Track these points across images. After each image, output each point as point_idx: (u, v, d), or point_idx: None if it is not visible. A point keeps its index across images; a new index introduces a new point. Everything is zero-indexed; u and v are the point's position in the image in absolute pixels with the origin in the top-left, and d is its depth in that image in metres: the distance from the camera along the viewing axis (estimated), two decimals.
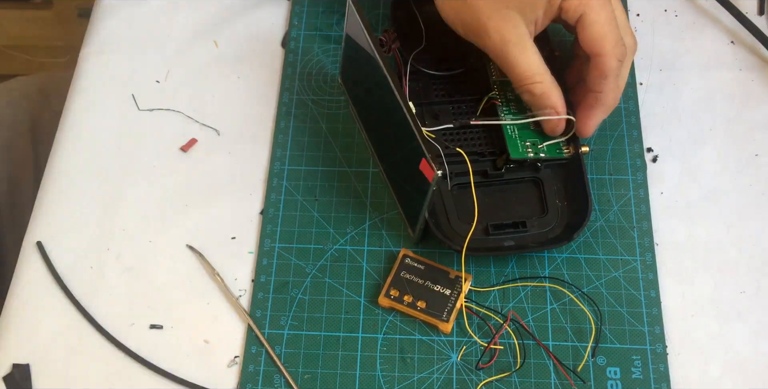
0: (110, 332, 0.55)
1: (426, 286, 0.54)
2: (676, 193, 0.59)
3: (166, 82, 0.65)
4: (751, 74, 0.64)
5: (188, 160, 0.62)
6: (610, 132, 0.61)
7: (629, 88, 0.63)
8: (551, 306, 0.55)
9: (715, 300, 0.55)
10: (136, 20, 0.68)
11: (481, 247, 0.55)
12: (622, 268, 0.56)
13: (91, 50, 0.67)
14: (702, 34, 0.67)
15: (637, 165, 0.60)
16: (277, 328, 0.54)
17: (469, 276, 0.55)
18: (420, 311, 0.53)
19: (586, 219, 0.54)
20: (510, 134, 0.57)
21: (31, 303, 0.56)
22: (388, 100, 0.51)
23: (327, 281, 0.56)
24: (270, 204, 0.59)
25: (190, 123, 0.63)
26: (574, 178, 0.57)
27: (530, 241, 0.55)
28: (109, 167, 0.61)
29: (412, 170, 0.50)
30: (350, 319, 0.55)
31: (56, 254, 0.58)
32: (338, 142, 0.62)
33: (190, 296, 0.56)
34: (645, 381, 0.52)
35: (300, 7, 0.68)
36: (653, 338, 0.53)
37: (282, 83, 0.65)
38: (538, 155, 0.56)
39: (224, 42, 0.67)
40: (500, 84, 0.59)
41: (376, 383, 0.53)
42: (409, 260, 0.55)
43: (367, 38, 0.52)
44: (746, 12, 0.67)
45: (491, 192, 0.58)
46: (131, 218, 0.59)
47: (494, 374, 0.52)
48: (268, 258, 0.57)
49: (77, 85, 0.65)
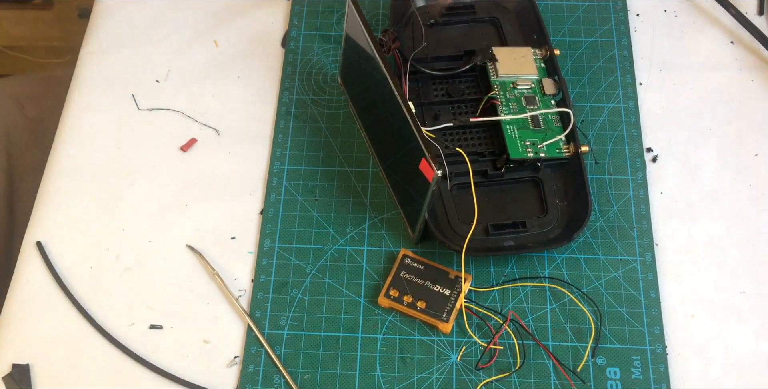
0: (110, 332, 0.55)
1: (426, 286, 0.54)
2: (676, 193, 0.59)
3: (166, 82, 0.65)
4: (751, 74, 0.64)
5: (188, 160, 0.62)
6: (610, 132, 0.61)
7: (629, 88, 0.63)
8: (551, 306, 0.55)
9: (715, 300, 0.55)
10: (136, 20, 0.68)
11: (481, 247, 0.55)
12: (622, 268, 0.56)
13: (91, 50, 0.67)
14: (702, 34, 0.67)
15: (637, 165, 0.60)
16: (277, 328, 0.54)
17: (469, 276, 0.55)
18: (420, 311, 0.53)
19: (586, 219, 0.54)
20: (510, 134, 0.57)
21: (31, 302, 0.56)
22: (388, 99, 0.51)
23: (327, 281, 0.56)
24: (270, 204, 0.59)
25: (189, 123, 0.63)
26: (574, 178, 0.57)
27: (530, 241, 0.55)
28: (109, 167, 0.61)
29: (412, 169, 0.50)
30: (350, 319, 0.55)
31: (56, 254, 0.58)
32: (338, 142, 0.62)
33: (190, 296, 0.56)
34: (645, 381, 0.52)
35: (300, 7, 0.68)
36: (653, 338, 0.53)
37: (282, 83, 0.65)
38: (537, 154, 0.56)
39: (224, 42, 0.67)
40: (500, 84, 0.59)
41: (376, 383, 0.52)
42: (409, 261, 0.55)
43: (367, 38, 0.52)
44: (746, 12, 0.67)
45: (491, 192, 0.58)
46: (131, 218, 0.59)
47: (494, 374, 0.52)
48: (267, 258, 0.57)
49: (77, 85, 0.65)
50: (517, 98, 0.58)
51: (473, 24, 0.65)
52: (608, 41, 0.65)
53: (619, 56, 0.65)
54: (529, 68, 0.60)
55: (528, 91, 0.59)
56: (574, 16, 0.67)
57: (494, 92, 0.59)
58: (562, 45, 0.65)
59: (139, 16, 0.69)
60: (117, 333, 0.55)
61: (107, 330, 0.55)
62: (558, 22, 0.66)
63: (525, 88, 0.59)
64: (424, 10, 0.65)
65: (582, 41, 0.65)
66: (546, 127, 0.57)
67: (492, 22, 0.64)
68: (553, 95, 0.59)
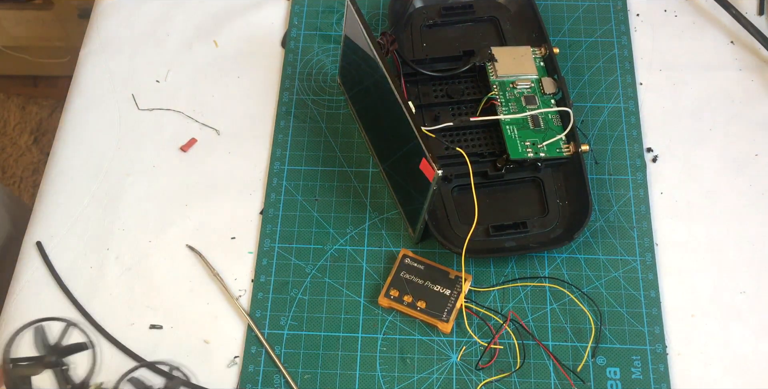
0: (110, 332, 0.55)
1: (426, 286, 0.54)
2: (676, 193, 0.59)
3: (166, 82, 0.65)
4: (751, 74, 0.64)
5: (188, 160, 0.62)
6: (610, 132, 0.61)
7: (629, 88, 0.63)
8: (551, 306, 0.55)
9: (715, 300, 0.55)
10: (136, 20, 0.68)
11: (482, 248, 0.55)
12: (622, 268, 0.56)
13: (91, 50, 0.67)
14: (702, 34, 0.67)
15: (637, 165, 0.60)
16: (277, 328, 0.54)
17: (469, 276, 0.55)
18: (420, 311, 0.53)
19: (587, 219, 0.54)
20: (510, 134, 0.57)
21: (31, 303, 0.56)
22: (388, 99, 0.51)
23: (327, 281, 0.56)
24: (270, 204, 0.59)
25: (190, 123, 0.63)
26: (575, 177, 0.57)
27: (531, 241, 0.55)
28: (109, 167, 0.61)
29: (413, 169, 0.50)
30: (350, 319, 0.55)
31: (56, 254, 0.58)
32: (338, 142, 0.62)
33: (190, 296, 0.56)
34: (645, 381, 0.52)
35: (300, 7, 0.68)
36: (653, 338, 0.53)
37: (282, 83, 0.65)
38: (537, 154, 0.56)
39: (224, 42, 0.67)
40: (500, 84, 0.59)
41: (376, 383, 0.52)
42: (409, 261, 0.55)
43: (366, 39, 0.52)
44: (746, 12, 0.67)
45: (492, 193, 0.58)
46: (131, 218, 0.59)
47: (494, 374, 0.52)
48: (267, 258, 0.57)
49: (77, 85, 0.65)
50: (516, 97, 0.58)
51: (472, 24, 0.65)
52: (608, 41, 0.65)
53: (619, 56, 0.65)
54: (528, 68, 0.59)
55: (528, 90, 0.59)
56: (574, 16, 0.67)
57: (493, 93, 0.59)
58: (562, 45, 0.65)
59: (139, 16, 0.69)
60: (117, 333, 0.55)
61: (107, 330, 0.55)
62: (558, 22, 0.66)
63: (524, 87, 0.59)
64: (423, 11, 0.65)
65: (582, 41, 0.65)
66: (546, 126, 0.57)
67: (491, 22, 0.64)
68: (553, 94, 0.59)
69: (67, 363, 0.44)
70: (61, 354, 0.44)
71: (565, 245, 0.56)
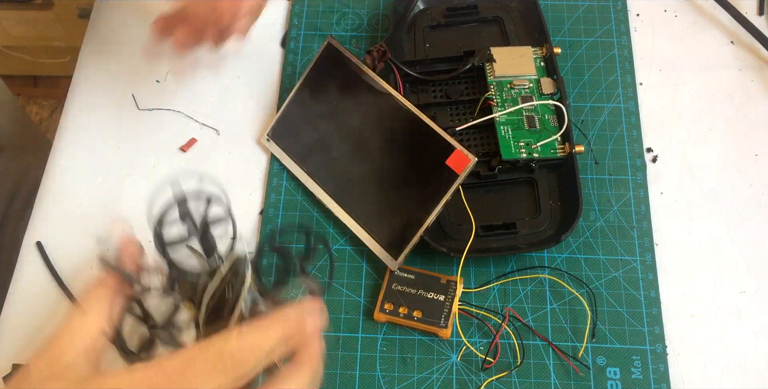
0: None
1: (419, 295, 0.54)
2: (676, 193, 0.59)
3: (166, 82, 0.65)
4: (751, 74, 0.64)
5: (188, 160, 0.62)
6: (610, 132, 0.61)
7: (629, 88, 0.63)
8: (551, 306, 0.55)
9: (715, 300, 0.55)
10: (136, 20, 0.68)
11: (470, 248, 0.55)
12: (622, 268, 0.56)
13: (91, 50, 0.67)
14: (702, 34, 0.67)
15: (637, 165, 0.60)
16: None
17: (461, 279, 0.54)
18: (417, 321, 0.53)
19: (576, 220, 0.54)
20: (503, 134, 0.57)
21: (31, 303, 0.56)
22: (388, 114, 0.52)
23: (327, 281, 0.56)
24: (270, 204, 0.59)
25: (189, 123, 0.63)
26: (568, 178, 0.56)
27: (520, 242, 0.55)
28: (109, 167, 0.61)
29: (427, 172, 0.51)
30: (350, 319, 0.55)
31: (56, 254, 0.58)
32: None
33: None
34: (645, 381, 0.52)
35: (300, 6, 0.68)
36: (653, 338, 0.53)
37: (282, 83, 0.64)
38: (531, 155, 0.56)
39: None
40: (497, 84, 0.59)
41: (376, 383, 0.52)
42: (398, 272, 0.55)
43: (359, 66, 0.54)
44: (746, 12, 0.67)
45: (485, 193, 0.58)
46: (131, 218, 0.59)
47: (494, 373, 0.52)
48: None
49: (77, 85, 0.65)
50: (513, 98, 0.58)
51: (477, 24, 0.64)
52: (608, 41, 0.65)
53: (619, 56, 0.65)
54: (527, 68, 0.59)
55: (525, 91, 0.58)
56: (574, 16, 0.67)
57: (490, 93, 0.58)
58: (563, 45, 0.65)
59: (139, 16, 0.68)
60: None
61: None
62: (558, 22, 0.66)
63: (522, 88, 0.59)
64: (428, 13, 0.64)
65: (582, 41, 0.65)
66: (542, 127, 0.57)
67: (496, 22, 0.64)
68: (551, 95, 0.58)
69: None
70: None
71: (554, 246, 0.55)
